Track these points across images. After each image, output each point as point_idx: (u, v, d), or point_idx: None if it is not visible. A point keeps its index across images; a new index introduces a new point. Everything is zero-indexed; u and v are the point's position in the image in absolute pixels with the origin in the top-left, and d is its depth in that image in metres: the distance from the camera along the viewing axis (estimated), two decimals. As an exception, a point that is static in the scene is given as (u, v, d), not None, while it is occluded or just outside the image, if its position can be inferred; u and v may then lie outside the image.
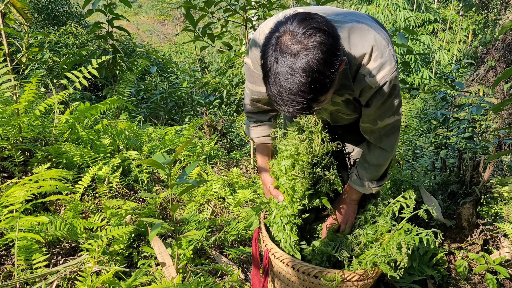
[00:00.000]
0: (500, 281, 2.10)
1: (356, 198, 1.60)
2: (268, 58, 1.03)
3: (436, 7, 14.73)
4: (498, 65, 7.16)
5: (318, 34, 0.98)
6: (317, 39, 0.98)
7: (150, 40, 21.43)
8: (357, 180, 1.55)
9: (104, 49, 3.91)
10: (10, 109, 2.30)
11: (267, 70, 1.03)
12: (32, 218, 1.54)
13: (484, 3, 10.56)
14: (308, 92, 1.01)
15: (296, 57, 0.98)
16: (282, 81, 1.00)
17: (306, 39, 0.98)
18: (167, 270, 1.64)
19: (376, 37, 1.19)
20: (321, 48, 0.98)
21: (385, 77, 1.20)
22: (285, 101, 1.04)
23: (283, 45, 1.00)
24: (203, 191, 2.62)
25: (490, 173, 2.10)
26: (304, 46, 0.98)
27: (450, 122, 3.98)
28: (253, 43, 1.36)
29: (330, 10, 1.32)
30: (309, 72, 0.98)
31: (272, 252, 1.48)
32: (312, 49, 0.98)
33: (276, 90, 1.03)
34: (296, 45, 0.98)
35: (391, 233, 1.38)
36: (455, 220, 2.16)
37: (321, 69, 0.99)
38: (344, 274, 1.32)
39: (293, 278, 1.43)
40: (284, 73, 1.00)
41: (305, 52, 0.98)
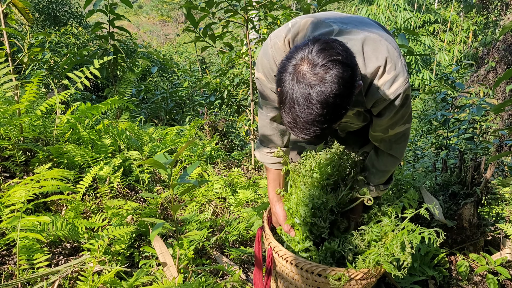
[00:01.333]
0: (501, 282, 2.10)
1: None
2: (284, 85, 1.02)
3: (437, 8, 14.73)
4: (499, 66, 7.16)
5: (337, 67, 0.98)
6: (336, 72, 0.97)
7: (151, 40, 21.44)
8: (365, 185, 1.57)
9: (105, 50, 3.92)
10: (11, 109, 2.31)
11: (284, 98, 1.03)
12: (34, 218, 1.54)
13: (485, 4, 10.56)
14: (323, 123, 1.02)
15: (313, 89, 0.98)
16: (298, 110, 1.01)
17: (325, 72, 0.97)
18: (168, 270, 1.64)
19: (388, 48, 1.18)
20: (339, 82, 0.98)
21: (399, 89, 1.20)
22: (300, 129, 1.05)
23: (300, 75, 0.99)
24: (204, 191, 2.62)
25: (491, 174, 2.10)
26: (322, 79, 0.97)
27: (451, 123, 3.98)
28: (264, 55, 1.33)
29: (337, 17, 1.31)
30: (325, 105, 0.98)
31: (276, 250, 1.49)
32: (330, 83, 0.97)
33: (292, 118, 1.04)
34: (314, 77, 0.98)
35: (395, 233, 1.39)
36: (456, 221, 2.16)
37: (337, 102, 0.99)
38: (348, 272, 1.33)
39: (296, 277, 1.43)
40: (300, 103, 0.99)
41: (323, 86, 0.97)
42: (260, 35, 4.21)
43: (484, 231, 2.23)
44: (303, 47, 1.02)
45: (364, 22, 1.32)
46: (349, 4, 16.61)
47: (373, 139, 1.45)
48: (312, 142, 1.67)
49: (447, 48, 13.14)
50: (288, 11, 3.26)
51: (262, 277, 1.61)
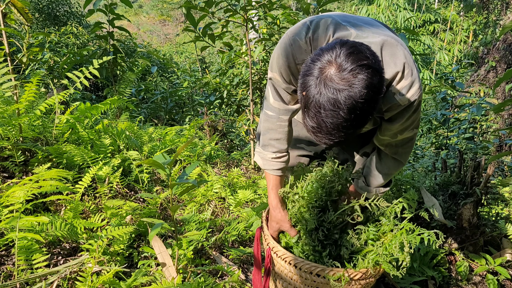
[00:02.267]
0: (501, 282, 2.09)
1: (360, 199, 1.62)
2: (310, 89, 0.99)
3: (437, 7, 14.73)
4: (499, 66, 7.16)
5: (365, 72, 0.95)
6: (364, 77, 0.95)
7: (151, 40, 21.44)
8: (364, 186, 1.56)
9: (105, 49, 3.91)
10: (10, 109, 2.30)
11: (309, 102, 1.00)
12: (33, 218, 1.54)
13: (485, 3, 10.55)
14: (349, 128, 1.00)
15: (341, 94, 0.95)
16: (324, 115, 0.98)
17: (353, 76, 0.95)
18: (167, 271, 1.64)
19: (405, 53, 1.17)
20: (367, 88, 0.95)
21: (415, 95, 1.19)
22: (324, 134, 1.03)
23: (328, 78, 0.97)
24: (203, 191, 2.62)
25: (491, 174, 2.10)
26: (350, 83, 0.95)
27: (451, 123, 3.98)
28: (282, 53, 1.27)
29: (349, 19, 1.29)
30: (353, 110, 0.96)
31: (274, 250, 1.49)
32: (358, 88, 0.95)
33: (316, 123, 1.01)
34: (342, 81, 0.95)
35: (393, 233, 1.39)
36: (456, 221, 2.16)
37: (365, 107, 0.97)
38: (347, 272, 1.33)
39: (295, 277, 1.43)
40: (327, 108, 0.97)
41: (351, 91, 0.95)
42: (259, 35, 4.21)
43: (483, 231, 2.22)
44: (330, 50, 0.99)
45: (373, 24, 1.30)
46: (349, 4, 16.60)
47: (380, 142, 1.44)
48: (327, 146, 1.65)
49: (447, 47, 13.13)
50: (288, 11, 3.25)
51: (261, 278, 1.61)
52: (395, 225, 1.44)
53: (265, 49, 3.57)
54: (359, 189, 1.57)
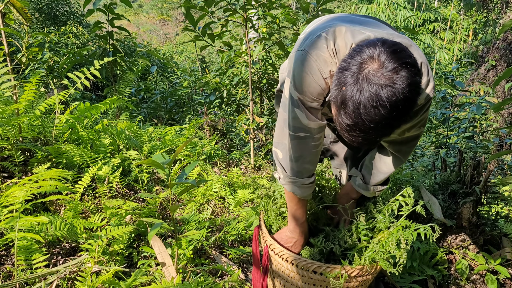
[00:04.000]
0: (501, 281, 2.09)
1: (356, 197, 1.61)
2: (348, 85, 0.96)
3: (437, 6, 14.72)
4: (499, 64, 7.15)
5: (408, 71, 0.93)
6: (407, 75, 0.93)
7: (151, 39, 21.42)
8: (363, 184, 1.54)
9: (105, 49, 3.91)
10: (10, 109, 2.30)
11: (346, 97, 0.96)
12: (32, 218, 1.54)
13: (485, 2, 10.55)
14: (385, 128, 0.98)
15: (383, 91, 0.92)
16: (363, 112, 0.95)
17: (396, 74, 0.93)
18: (167, 270, 1.64)
19: (419, 53, 1.16)
20: (410, 86, 0.93)
21: (430, 94, 1.18)
22: (358, 132, 1.00)
23: (370, 74, 0.94)
24: (203, 191, 2.62)
25: (490, 173, 2.10)
26: (393, 80, 0.92)
27: (451, 122, 3.97)
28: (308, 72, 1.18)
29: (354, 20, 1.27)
30: (394, 108, 0.93)
31: (272, 248, 1.49)
32: (401, 86, 0.92)
33: (353, 121, 0.98)
34: (385, 79, 0.92)
35: (390, 230, 1.39)
36: (456, 220, 2.16)
37: (405, 106, 0.95)
38: (344, 269, 1.33)
39: (292, 274, 1.44)
40: (367, 105, 0.94)
41: (394, 88, 0.92)
42: (259, 34, 4.20)
43: (483, 230, 2.22)
44: (372, 46, 0.97)
45: (379, 25, 1.29)
46: (349, 3, 16.58)
47: (385, 139, 1.41)
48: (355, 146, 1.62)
49: (447, 46, 13.13)
50: (287, 10, 3.25)
51: (260, 276, 1.61)
52: (391, 222, 1.44)
53: (264, 48, 3.57)
54: (357, 187, 1.56)
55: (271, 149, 3.52)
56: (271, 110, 4.63)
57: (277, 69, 4.11)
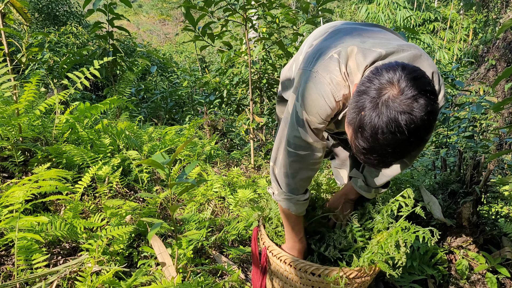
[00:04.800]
0: (501, 280, 2.09)
1: (354, 198, 1.61)
2: (367, 110, 0.96)
3: (437, 6, 14.71)
4: (499, 64, 7.15)
5: (427, 99, 0.94)
6: (426, 102, 0.93)
7: (151, 39, 21.43)
8: (364, 186, 1.54)
9: (105, 49, 3.91)
10: (10, 109, 2.30)
11: (364, 122, 0.97)
12: (32, 218, 1.54)
13: (485, 1, 10.54)
14: (402, 154, 0.98)
15: (401, 117, 0.92)
16: (380, 137, 0.95)
17: (416, 102, 0.93)
18: (167, 270, 1.64)
19: (429, 62, 1.16)
20: (428, 114, 0.93)
21: (441, 101, 1.18)
22: (375, 156, 1.00)
23: (389, 100, 0.94)
24: (203, 190, 2.62)
25: (490, 172, 2.10)
26: (412, 109, 0.92)
27: (451, 121, 3.98)
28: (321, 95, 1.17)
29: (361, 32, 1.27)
30: (412, 135, 0.94)
31: (270, 249, 1.49)
32: (420, 114, 0.93)
33: (369, 145, 0.98)
34: (404, 106, 0.93)
35: (389, 231, 1.39)
36: (456, 219, 2.16)
37: (423, 134, 0.95)
38: (342, 271, 1.33)
39: (290, 276, 1.44)
40: (385, 131, 0.94)
41: (413, 115, 0.92)
42: (259, 34, 4.20)
43: (483, 229, 2.22)
44: (391, 70, 0.97)
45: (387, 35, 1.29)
46: (349, 3, 16.58)
47: None
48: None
49: (447, 46, 13.12)
50: (287, 10, 3.25)
51: (259, 276, 1.61)
52: (390, 223, 1.43)
53: (264, 48, 3.57)
54: (358, 189, 1.56)
55: (271, 149, 3.51)
56: (271, 110, 4.64)
57: (277, 69, 4.11)
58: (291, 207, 1.40)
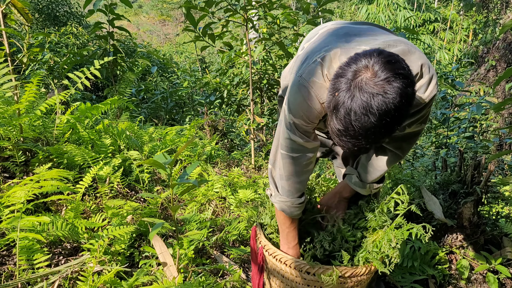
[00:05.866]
0: (502, 281, 2.09)
1: (348, 196, 1.59)
2: (341, 91, 0.98)
3: (437, 6, 14.72)
4: (499, 65, 7.16)
5: (401, 81, 0.95)
6: (399, 86, 0.94)
7: (151, 40, 21.43)
8: (359, 182, 1.53)
9: (105, 49, 3.91)
10: (11, 109, 2.31)
11: (338, 103, 0.98)
12: (34, 218, 1.54)
13: (485, 2, 10.55)
14: (376, 135, 0.99)
15: (374, 99, 0.94)
16: (354, 119, 0.97)
17: (388, 83, 0.94)
18: (168, 270, 1.64)
19: (420, 54, 1.17)
20: (401, 96, 0.95)
21: (433, 91, 1.18)
22: (348, 138, 1.01)
23: (362, 82, 0.96)
24: (204, 191, 2.62)
25: (491, 173, 2.10)
26: (385, 90, 0.94)
27: (451, 122, 3.98)
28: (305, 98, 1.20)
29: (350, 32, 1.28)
30: (384, 117, 0.95)
31: (266, 248, 1.49)
32: (393, 95, 0.94)
33: (344, 126, 1.00)
34: (376, 87, 0.94)
35: (385, 230, 1.39)
36: (456, 220, 2.16)
37: (395, 116, 0.96)
38: (337, 270, 1.33)
39: (286, 274, 1.44)
40: (358, 112, 0.96)
41: (385, 97, 0.94)
42: (259, 35, 4.21)
43: (484, 229, 2.22)
44: (368, 56, 0.99)
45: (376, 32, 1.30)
46: (349, 3, 16.59)
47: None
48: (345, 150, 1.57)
49: (447, 47, 13.13)
50: (288, 10, 3.26)
51: (257, 274, 1.62)
52: (384, 221, 1.44)
53: (265, 48, 3.58)
54: (353, 185, 1.54)
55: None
56: (272, 110, 4.64)
57: (277, 69, 4.11)
58: (286, 210, 1.41)
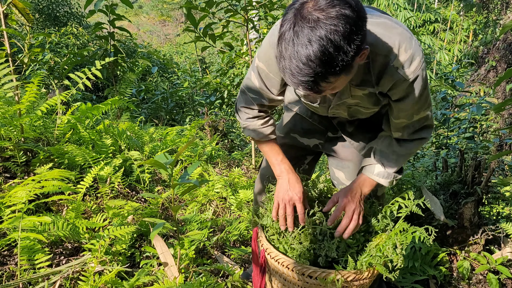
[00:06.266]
0: (502, 281, 2.10)
1: (369, 191, 1.44)
2: (286, 21, 0.97)
3: (437, 7, 14.73)
4: (499, 65, 7.16)
5: (344, 6, 0.92)
6: (342, 11, 0.91)
7: (151, 40, 21.45)
8: (384, 172, 1.40)
9: (106, 50, 3.92)
10: (12, 110, 2.31)
11: (282, 33, 0.97)
12: (35, 218, 1.54)
13: (485, 3, 10.56)
14: (318, 64, 0.94)
15: (314, 24, 0.91)
16: (295, 46, 0.94)
17: (330, 8, 0.92)
18: (169, 270, 1.64)
19: (399, 30, 1.14)
20: (343, 20, 0.91)
21: (417, 68, 1.15)
22: (293, 70, 0.98)
23: (305, 10, 0.93)
24: (204, 191, 2.62)
25: (491, 173, 2.11)
26: (326, 14, 0.91)
27: (451, 122, 3.98)
28: (271, 45, 1.23)
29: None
30: (324, 42, 0.91)
31: (268, 252, 1.49)
32: (334, 19, 0.91)
33: (287, 55, 0.97)
34: (317, 12, 0.92)
35: (388, 234, 1.38)
36: (457, 220, 2.16)
37: (337, 41, 0.91)
38: (339, 274, 1.32)
39: (288, 278, 1.44)
40: (298, 39, 0.93)
41: (325, 21, 0.91)
42: (260, 35, 4.21)
43: (484, 230, 2.23)
44: None
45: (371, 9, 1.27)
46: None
47: (395, 128, 1.35)
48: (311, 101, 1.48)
49: (447, 47, 13.14)
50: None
51: (259, 276, 1.62)
52: (386, 224, 1.43)
53: (265, 49, 3.57)
54: (376, 176, 1.41)
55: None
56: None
57: (278, 70, 4.10)
58: (251, 133, 1.48)
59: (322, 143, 1.71)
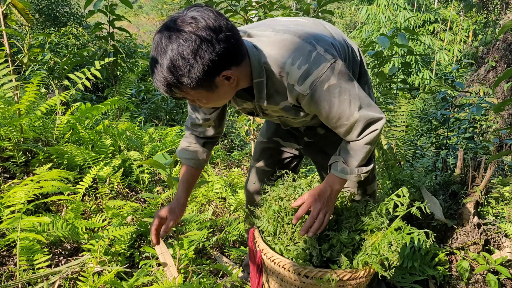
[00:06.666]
0: (502, 281, 2.10)
1: (340, 188, 1.40)
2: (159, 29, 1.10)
3: (437, 7, 14.73)
4: (499, 65, 7.16)
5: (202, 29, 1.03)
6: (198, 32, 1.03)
7: (151, 40, 21.41)
8: (346, 168, 1.36)
9: (105, 50, 3.92)
10: (11, 110, 2.31)
11: (153, 37, 1.11)
12: (34, 219, 1.54)
13: (485, 3, 10.57)
14: (165, 70, 1.06)
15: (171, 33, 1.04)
16: (153, 50, 1.08)
17: (189, 26, 1.04)
18: (168, 270, 1.64)
19: (298, 45, 1.16)
20: (198, 40, 1.02)
21: (315, 82, 1.15)
22: (151, 71, 1.11)
23: (171, 23, 1.06)
24: (204, 191, 2.62)
25: (491, 173, 2.11)
26: (179, 29, 1.04)
27: (451, 122, 3.98)
28: None
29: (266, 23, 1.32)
30: (175, 54, 1.03)
31: (264, 252, 1.49)
32: (189, 36, 1.03)
33: (151, 57, 1.11)
34: (180, 27, 1.04)
35: (384, 232, 1.38)
36: (456, 220, 2.16)
37: (182, 53, 1.03)
38: (335, 273, 1.32)
39: (285, 278, 1.44)
40: (155, 44, 1.07)
41: (177, 33, 1.04)
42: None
43: (484, 230, 2.23)
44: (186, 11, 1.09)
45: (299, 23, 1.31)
46: (349, 4, 16.61)
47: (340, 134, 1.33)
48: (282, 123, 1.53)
49: (447, 47, 13.14)
50: (288, 11, 3.26)
51: (256, 276, 1.62)
52: (381, 223, 1.42)
53: (265, 49, 3.57)
54: (340, 173, 1.36)
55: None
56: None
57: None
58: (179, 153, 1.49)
59: (301, 148, 1.69)
